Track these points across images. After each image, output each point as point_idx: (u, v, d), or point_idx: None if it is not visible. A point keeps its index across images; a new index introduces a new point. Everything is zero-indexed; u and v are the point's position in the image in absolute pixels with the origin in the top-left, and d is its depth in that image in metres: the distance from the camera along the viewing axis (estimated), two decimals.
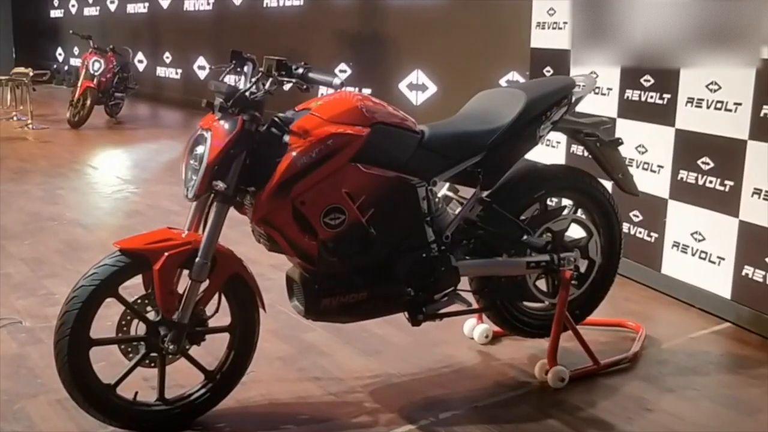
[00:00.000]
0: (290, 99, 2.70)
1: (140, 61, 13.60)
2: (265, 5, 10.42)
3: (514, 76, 7.12)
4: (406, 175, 2.64)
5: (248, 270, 2.59)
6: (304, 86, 2.39)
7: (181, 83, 12.67)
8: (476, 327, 3.25)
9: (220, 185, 2.39)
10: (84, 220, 5.31)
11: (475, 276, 2.93)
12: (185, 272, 2.47)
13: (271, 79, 2.46)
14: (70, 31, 11.87)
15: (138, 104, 12.27)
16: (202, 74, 12.07)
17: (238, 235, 3.05)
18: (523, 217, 2.95)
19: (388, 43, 8.49)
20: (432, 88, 7.96)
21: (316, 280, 2.59)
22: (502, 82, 7.18)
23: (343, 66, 9.15)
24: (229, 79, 2.65)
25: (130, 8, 13.88)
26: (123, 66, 10.40)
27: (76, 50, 15.60)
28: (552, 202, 3.19)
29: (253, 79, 2.47)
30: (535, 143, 2.88)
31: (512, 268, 2.91)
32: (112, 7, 14.46)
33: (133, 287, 2.49)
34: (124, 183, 6.67)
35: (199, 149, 2.43)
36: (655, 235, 3.92)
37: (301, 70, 2.42)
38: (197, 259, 2.42)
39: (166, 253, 2.39)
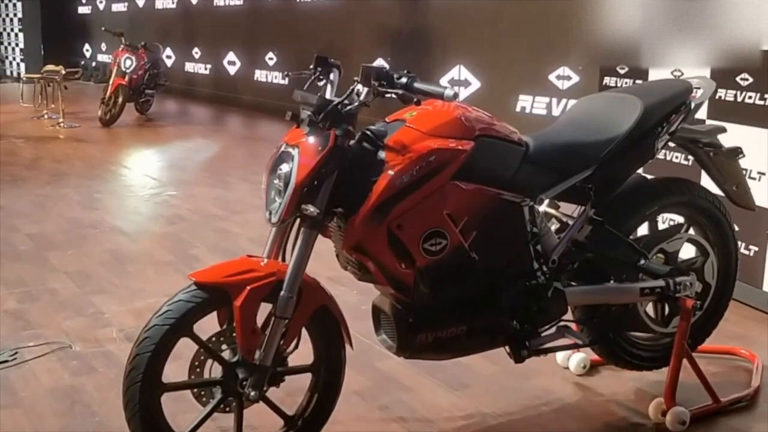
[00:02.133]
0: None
1: (168, 57, 13.35)
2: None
3: (565, 71, 6.80)
4: (511, 192, 2.34)
5: (335, 302, 2.28)
6: (415, 99, 2.06)
7: (211, 79, 12.43)
8: (572, 356, 2.93)
9: (311, 209, 2.09)
10: (126, 227, 5.04)
11: (582, 305, 2.61)
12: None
13: (366, 90, 2.16)
14: (102, 28, 11.63)
15: (166, 101, 12.02)
16: (232, 70, 11.83)
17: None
18: (632, 238, 2.63)
19: (429, 37, 8.16)
20: (475, 84, 7.64)
21: (411, 312, 2.29)
22: (552, 77, 6.87)
23: (380, 61, 8.83)
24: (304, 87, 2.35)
25: (159, 4, 13.63)
26: (154, 62, 10.16)
27: (103, 46, 15.40)
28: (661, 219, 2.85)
29: (349, 90, 2.16)
30: (651, 156, 2.56)
31: (625, 295, 2.59)
32: (141, 3, 14.22)
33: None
34: (161, 185, 6.40)
35: (285, 168, 2.13)
36: (756, 249, 3.58)
37: (404, 80, 2.10)
38: (282, 293, 2.12)
39: (248, 287, 2.09)
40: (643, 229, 2.75)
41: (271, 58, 10.88)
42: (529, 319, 2.42)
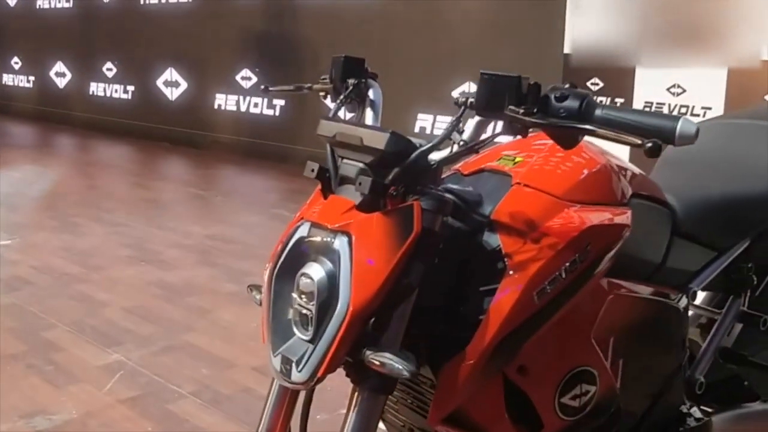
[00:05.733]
0: None
1: None
2: (142, 2, 8.75)
3: (471, 86, 6.04)
4: (661, 286, 1.44)
5: None
6: (648, 147, 1.03)
7: (35, 93, 10.75)
8: None
9: (387, 361, 1.06)
10: None
11: None
12: None
13: (479, 120, 1.18)
14: None
15: None
16: (61, 82, 10.23)
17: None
18: None
19: (304, 46, 7.14)
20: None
21: None
22: (455, 94, 6.07)
23: (247, 72, 7.73)
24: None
25: None
26: None
27: None
28: None
29: (452, 123, 1.16)
30: None
31: None
32: None
33: None
34: None
35: (317, 272, 1.11)
36: None
37: (574, 103, 1.08)
38: None
39: None
40: None
41: (109, 69, 9.44)
42: None
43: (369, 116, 1.36)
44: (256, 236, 4.83)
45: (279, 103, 7.53)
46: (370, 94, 1.38)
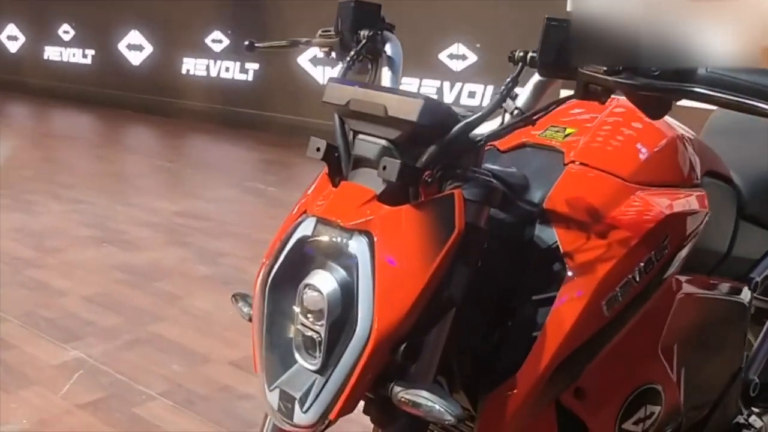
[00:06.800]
0: None
1: None
2: None
3: (459, 48, 5.82)
4: (726, 281, 1.24)
5: None
6: None
7: None
8: None
9: (420, 399, 0.80)
10: None
11: None
12: None
13: (539, 81, 0.93)
14: None
15: None
16: (13, 46, 9.86)
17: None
18: None
19: (282, 5, 6.80)
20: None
21: None
22: (443, 56, 5.88)
23: (218, 35, 7.39)
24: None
25: None
26: None
27: None
28: None
29: (506, 85, 0.89)
30: None
31: None
32: None
33: None
34: None
35: (327, 284, 0.86)
36: None
37: (702, 70, 0.78)
38: None
39: None
40: None
41: (66, 32, 9.11)
42: None
43: (387, 77, 1.09)
44: (230, 212, 4.59)
45: (252, 67, 7.20)
46: (387, 49, 1.10)
